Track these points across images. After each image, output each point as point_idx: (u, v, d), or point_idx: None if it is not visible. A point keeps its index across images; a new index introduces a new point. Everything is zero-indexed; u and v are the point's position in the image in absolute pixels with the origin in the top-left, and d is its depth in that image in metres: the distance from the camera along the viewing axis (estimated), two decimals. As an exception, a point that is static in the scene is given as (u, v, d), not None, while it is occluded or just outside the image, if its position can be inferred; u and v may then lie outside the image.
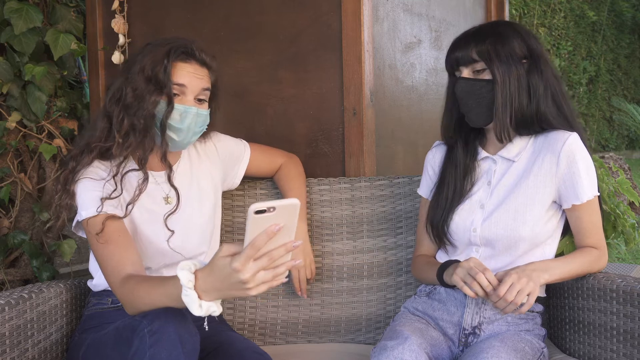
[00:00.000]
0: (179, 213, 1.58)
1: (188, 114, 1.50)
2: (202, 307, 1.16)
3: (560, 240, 1.60)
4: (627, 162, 6.39)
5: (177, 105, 1.49)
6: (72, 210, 1.49)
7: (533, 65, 1.49)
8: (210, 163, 1.72)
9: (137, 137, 1.48)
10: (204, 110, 1.54)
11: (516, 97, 1.46)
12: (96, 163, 1.51)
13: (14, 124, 2.34)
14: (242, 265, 1.08)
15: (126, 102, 1.48)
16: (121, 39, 2.26)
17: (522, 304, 1.35)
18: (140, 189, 1.50)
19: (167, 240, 1.56)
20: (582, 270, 1.48)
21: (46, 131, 2.41)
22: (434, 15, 2.52)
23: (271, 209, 1.05)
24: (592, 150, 1.54)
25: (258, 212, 1.04)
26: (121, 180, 1.49)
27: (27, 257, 2.42)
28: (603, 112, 10.55)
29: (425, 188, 1.68)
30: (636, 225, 1.84)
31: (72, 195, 1.47)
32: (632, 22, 11.06)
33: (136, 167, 1.52)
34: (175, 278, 1.22)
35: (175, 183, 1.57)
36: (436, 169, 1.65)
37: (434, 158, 1.67)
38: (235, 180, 1.81)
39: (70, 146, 2.47)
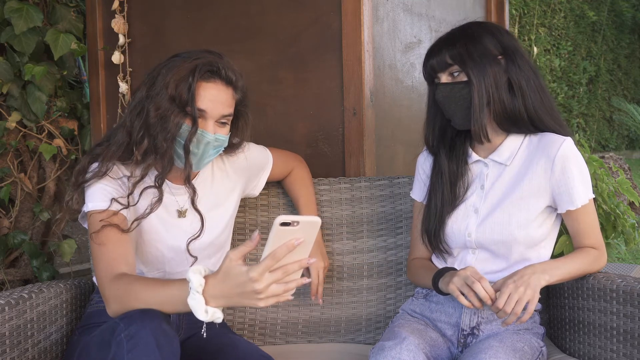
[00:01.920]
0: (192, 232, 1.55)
1: (205, 139, 1.44)
2: (208, 312, 1.16)
3: (559, 239, 1.60)
4: (627, 162, 6.39)
5: (197, 130, 1.43)
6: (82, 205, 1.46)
7: (510, 61, 1.47)
8: (237, 177, 1.68)
9: (157, 158, 1.44)
10: (223, 136, 1.47)
11: (495, 95, 1.45)
12: (117, 164, 1.47)
13: (14, 124, 2.34)
14: (259, 275, 1.10)
15: (148, 122, 1.42)
16: (121, 39, 2.26)
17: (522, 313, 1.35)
18: (152, 209, 1.46)
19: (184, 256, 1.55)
20: (582, 270, 1.47)
21: (46, 131, 2.42)
22: (434, 15, 2.52)
23: (295, 223, 1.07)
24: (592, 150, 1.53)
25: (283, 224, 1.07)
26: (140, 194, 1.46)
27: (27, 257, 2.42)
28: (603, 112, 10.54)
29: (418, 191, 1.67)
30: (636, 225, 1.84)
31: (82, 192, 1.44)
32: (632, 22, 11.04)
33: (153, 183, 1.47)
34: (181, 281, 1.22)
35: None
36: (428, 172, 1.64)
37: (426, 162, 1.65)
38: (255, 192, 1.77)
39: (70, 146, 2.47)
